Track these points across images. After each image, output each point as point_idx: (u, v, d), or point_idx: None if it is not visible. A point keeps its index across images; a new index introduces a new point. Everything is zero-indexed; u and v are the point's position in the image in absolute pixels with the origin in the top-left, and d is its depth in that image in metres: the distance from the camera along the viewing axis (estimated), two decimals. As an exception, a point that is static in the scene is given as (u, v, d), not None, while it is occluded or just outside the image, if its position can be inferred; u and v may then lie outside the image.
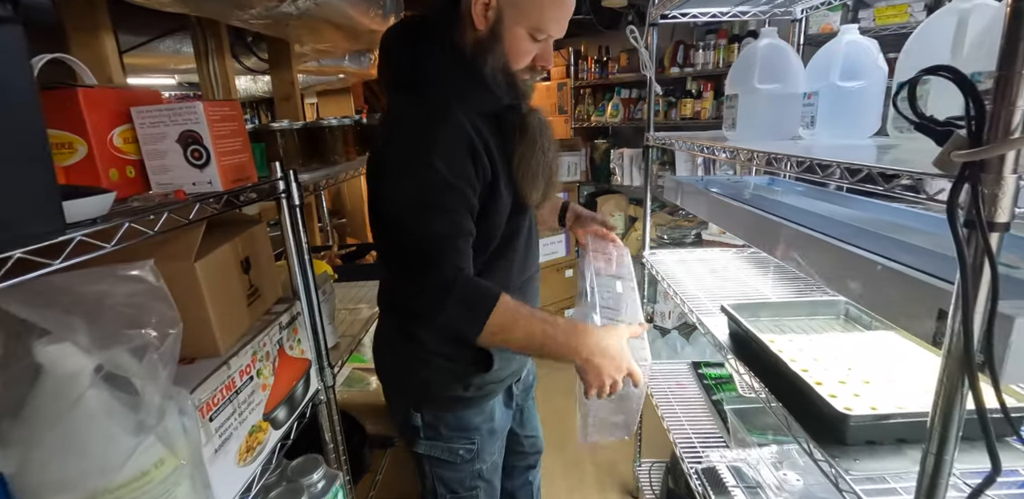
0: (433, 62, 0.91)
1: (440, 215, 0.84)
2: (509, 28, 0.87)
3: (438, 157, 0.83)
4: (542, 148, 0.95)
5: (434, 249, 0.84)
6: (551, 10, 0.88)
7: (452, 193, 0.84)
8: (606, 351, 0.87)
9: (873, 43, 1.18)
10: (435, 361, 1.01)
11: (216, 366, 0.77)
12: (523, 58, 0.91)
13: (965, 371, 0.50)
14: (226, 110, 0.86)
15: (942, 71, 0.55)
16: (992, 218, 0.47)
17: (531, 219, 1.07)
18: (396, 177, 0.86)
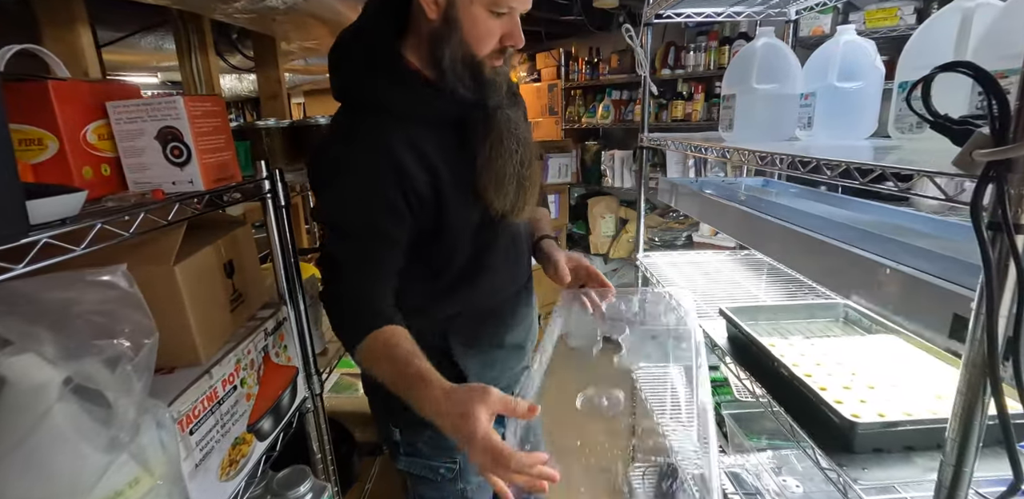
0: (358, 74, 0.84)
1: (348, 235, 0.82)
2: (464, 8, 0.77)
3: (353, 176, 0.80)
4: (509, 149, 0.86)
5: (337, 264, 0.82)
6: None
7: (362, 216, 0.81)
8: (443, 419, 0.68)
9: (871, 44, 1.17)
10: None
11: (197, 376, 0.73)
12: (487, 41, 0.80)
13: (988, 377, 0.47)
14: (208, 105, 0.82)
15: (961, 67, 0.53)
16: (1019, 220, 0.45)
17: (513, 232, 0.97)
18: (320, 190, 0.85)
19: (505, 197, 0.87)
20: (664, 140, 1.58)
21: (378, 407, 1.03)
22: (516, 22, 0.82)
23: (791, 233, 0.93)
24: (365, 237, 0.81)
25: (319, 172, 0.84)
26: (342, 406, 1.54)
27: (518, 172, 0.87)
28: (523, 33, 0.83)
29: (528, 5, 0.81)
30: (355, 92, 0.85)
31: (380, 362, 0.77)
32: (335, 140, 0.85)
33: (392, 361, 0.75)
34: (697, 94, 3.16)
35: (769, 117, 1.27)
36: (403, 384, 0.73)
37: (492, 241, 0.92)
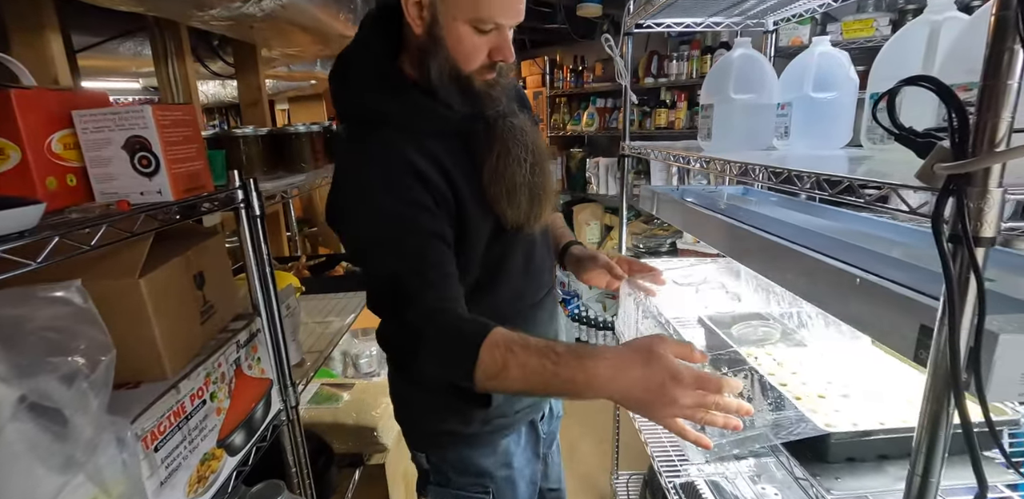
0: (358, 90, 0.82)
1: (396, 252, 0.76)
2: (447, 25, 0.75)
3: (378, 193, 0.77)
4: (517, 158, 0.83)
5: (400, 290, 0.75)
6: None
7: (404, 225, 0.76)
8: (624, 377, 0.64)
9: (844, 55, 1.19)
10: (425, 393, 0.91)
11: (163, 391, 0.71)
12: (473, 57, 0.78)
13: (951, 389, 0.48)
14: (178, 114, 0.81)
15: (922, 81, 0.54)
16: (978, 233, 0.45)
17: (528, 242, 0.93)
18: (349, 224, 0.81)
19: (518, 208, 0.83)
20: (645, 149, 1.59)
21: (407, 433, 0.99)
22: (505, 37, 0.79)
23: (766, 242, 0.93)
24: (415, 245, 0.76)
25: (344, 205, 0.80)
26: (321, 418, 1.52)
27: (529, 181, 0.84)
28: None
29: (518, 19, 0.78)
30: (358, 110, 0.84)
31: (513, 364, 0.68)
32: (350, 171, 0.81)
33: (532, 352, 0.68)
34: (680, 102, 3.19)
35: (746, 126, 1.29)
36: (563, 367, 0.66)
37: (507, 253, 0.88)
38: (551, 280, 1.00)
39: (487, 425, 0.90)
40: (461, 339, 0.71)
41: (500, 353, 0.68)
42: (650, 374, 0.64)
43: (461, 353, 0.70)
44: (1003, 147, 0.44)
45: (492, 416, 0.89)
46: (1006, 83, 0.44)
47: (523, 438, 0.98)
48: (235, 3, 1.19)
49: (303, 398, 1.60)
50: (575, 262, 1.12)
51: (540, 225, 0.90)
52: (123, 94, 4.37)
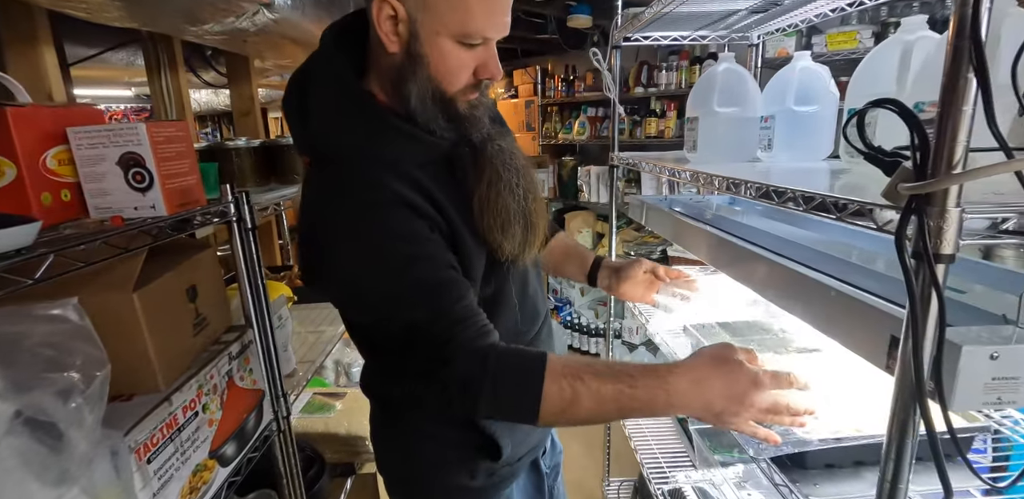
0: (325, 121, 0.72)
1: (410, 297, 0.66)
2: (429, 41, 0.67)
3: (370, 232, 0.67)
4: (509, 185, 0.75)
5: (426, 336, 0.66)
6: (481, 5, 0.67)
7: (409, 263, 0.67)
8: (706, 388, 0.64)
9: (825, 69, 1.23)
10: (431, 445, 0.84)
11: (156, 403, 0.72)
12: (458, 75, 0.71)
13: (916, 400, 0.50)
14: (172, 131, 0.83)
15: (887, 103, 0.56)
16: (938, 250, 0.48)
17: (524, 273, 0.86)
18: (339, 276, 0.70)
19: (513, 239, 0.76)
20: (633, 160, 1.62)
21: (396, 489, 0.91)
22: (492, 53, 0.72)
23: (747, 253, 0.96)
24: (429, 282, 0.67)
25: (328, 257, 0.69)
26: (313, 427, 1.52)
27: (523, 208, 0.77)
28: (499, 50, 0.74)
29: (505, 32, 0.72)
30: (326, 143, 0.73)
31: (585, 393, 0.64)
32: (328, 216, 0.70)
33: (605, 379, 0.64)
34: (670, 111, 3.23)
35: (731, 139, 1.32)
36: (642, 389, 0.64)
37: (502, 288, 0.81)
38: (545, 309, 0.95)
39: (493, 476, 0.84)
40: (521, 377, 0.65)
41: (568, 384, 0.64)
42: (732, 383, 0.65)
43: (524, 392, 0.64)
44: (960, 169, 0.47)
45: (499, 467, 0.83)
46: (961, 109, 0.46)
47: (524, 480, 0.93)
48: (228, 18, 1.21)
49: (295, 408, 1.61)
50: (612, 274, 1.10)
51: (534, 255, 0.83)
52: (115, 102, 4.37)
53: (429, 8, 0.66)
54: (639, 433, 1.52)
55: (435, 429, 0.82)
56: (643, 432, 1.53)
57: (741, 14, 1.45)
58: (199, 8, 1.08)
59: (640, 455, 1.42)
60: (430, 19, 0.67)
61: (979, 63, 0.45)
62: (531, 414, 0.65)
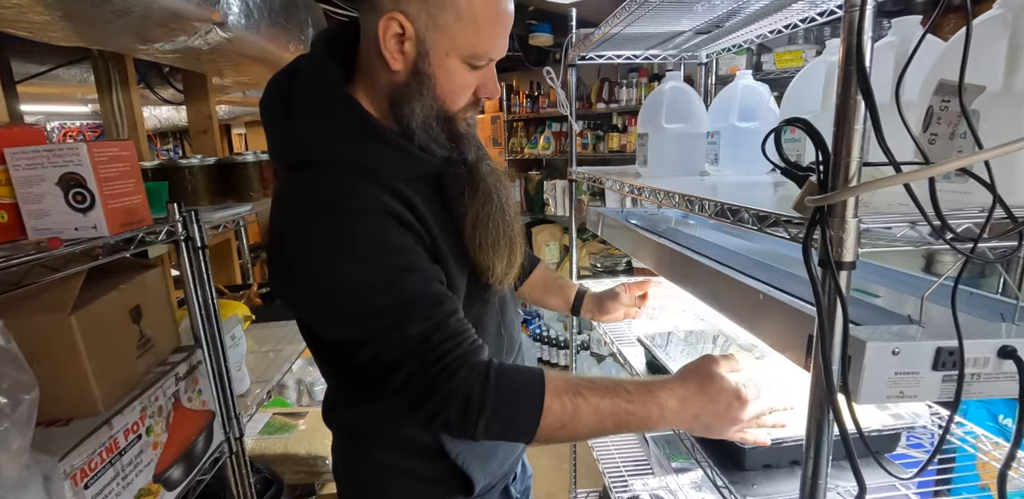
0: (314, 131, 0.68)
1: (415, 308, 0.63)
2: (438, 62, 0.67)
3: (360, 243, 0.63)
4: (500, 206, 0.75)
5: (430, 350, 0.63)
6: (490, 27, 0.67)
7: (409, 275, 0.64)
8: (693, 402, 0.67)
9: (764, 87, 1.29)
10: (400, 481, 0.79)
11: (95, 426, 0.71)
12: (462, 95, 0.71)
13: (826, 399, 0.53)
14: (115, 151, 0.82)
15: (797, 122, 0.60)
16: (840, 258, 0.51)
17: (503, 298, 0.85)
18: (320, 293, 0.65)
19: (503, 260, 0.75)
20: (592, 175, 1.66)
21: None
22: (493, 72, 0.73)
23: (690, 262, 0.99)
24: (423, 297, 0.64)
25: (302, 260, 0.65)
26: (272, 448, 1.49)
27: (509, 229, 0.76)
28: None
29: (504, 53, 0.72)
30: (314, 145, 0.69)
31: (584, 408, 0.64)
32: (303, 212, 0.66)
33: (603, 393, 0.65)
34: (631, 127, 3.33)
35: (679, 154, 1.37)
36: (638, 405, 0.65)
37: (484, 314, 0.79)
38: (519, 336, 0.94)
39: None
40: (523, 393, 0.64)
41: (569, 399, 0.64)
42: (716, 397, 0.67)
43: (526, 408, 0.64)
44: (855, 183, 0.51)
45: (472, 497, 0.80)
46: (853, 128, 0.50)
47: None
48: (180, 37, 1.21)
49: (253, 429, 1.58)
50: (595, 308, 1.17)
51: (513, 279, 0.81)
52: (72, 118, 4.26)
53: (441, 28, 0.65)
54: (601, 445, 1.54)
55: (405, 463, 0.79)
56: (606, 442, 1.54)
57: (687, 35, 1.52)
58: (148, 27, 1.08)
59: (603, 465, 1.44)
60: (441, 39, 0.66)
61: (865, 86, 0.49)
62: (530, 431, 0.64)
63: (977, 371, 0.56)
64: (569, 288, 1.20)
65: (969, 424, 0.87)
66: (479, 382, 0.63)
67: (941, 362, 0.55)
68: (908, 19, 0.80)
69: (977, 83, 0.63)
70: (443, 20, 0.65)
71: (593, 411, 0.64)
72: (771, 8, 1.20)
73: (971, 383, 0.56)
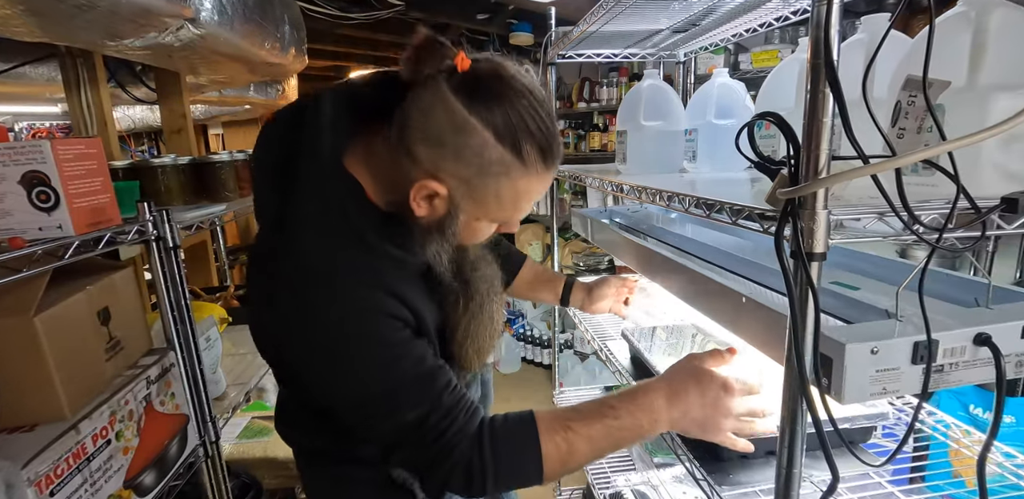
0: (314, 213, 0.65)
1: (408, 395, 0.64)
2: (467, 223, 0.66)
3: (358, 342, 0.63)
4: (490, 315, 0.76)
5: (427, 432, 0.64)
6: (526, 203, 0.66)
7: (402, 362, 0.64)
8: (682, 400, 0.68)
9: (740, 85, 1.31)
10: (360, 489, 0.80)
11: (60, 432, 0.69)
12: (482, 239, 0.72)
13: (800, 389, 0.53)
14: (81, 148, 0.80)
15: (768, 116, 0.61)
16: (811, 249, 0.52)
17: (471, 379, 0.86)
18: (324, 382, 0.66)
19: (482, 359, 0.78)
20: (573, 173, 1.67)
21: None
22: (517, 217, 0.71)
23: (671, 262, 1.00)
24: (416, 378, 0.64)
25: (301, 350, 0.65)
26: (251, 452, 1.47)
27: (492, 339, 0.78)
28: None
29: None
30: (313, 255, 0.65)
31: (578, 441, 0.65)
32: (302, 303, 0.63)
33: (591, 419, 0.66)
34: (612, 126, 3.34)
35: (658, 151, 1.38)
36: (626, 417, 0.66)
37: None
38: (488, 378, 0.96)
39: None
40: (520, 449, 0.65)
41: (562, 438, 0.66)
42: (704, 390, 0.68)
43: (526, 462, 0.65)
44: (825, 174, 0.51)
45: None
46: (822, 120, 0.51)
47: None
48: (150, 33, 1.18)
49: (231, 433, 1.55)
50: (585, 296, 1.17)
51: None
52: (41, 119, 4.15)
53: (478, 202, 0.64)
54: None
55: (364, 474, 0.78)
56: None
57: (664, 34, 1.53)
58: (116, 23, 1.05)
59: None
60: (475, 209, 0.65)
61: (832, 79, 0.50)
62: (536, 478, 0.66)
63: (955, 360, 0.56)
64: (557, 280, 1.21)
65: (940, 413, 0.89)
66: (476, 450, 0.64)
67: (919, 356, 0.55)
68: (877, 17, 0.81)
69: (943, 78, 0.65)
70: (481, 197, 0.63)
71: (586, 441, 0.66)
72: (746, 6, 1.21)
73: (949, 372, 0.57)
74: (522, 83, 0.61)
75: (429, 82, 0.59)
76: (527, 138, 0.60)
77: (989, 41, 0.62)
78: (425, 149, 0.61)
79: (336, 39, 3.26)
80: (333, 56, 3.67)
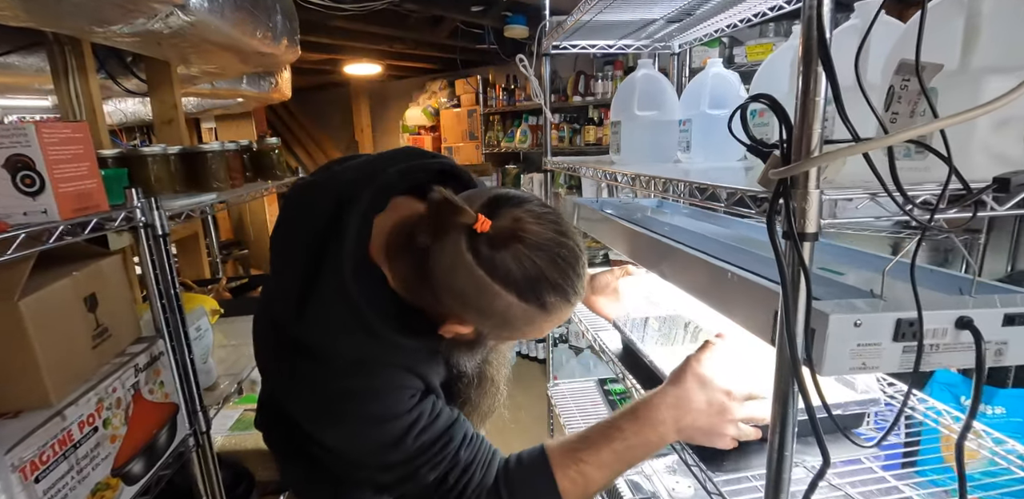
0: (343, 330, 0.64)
1: (429, 458, 0.65)
2: (489, 344, 0.72)
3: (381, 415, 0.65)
4: (496, 385, 0.81)
5: (448, 490, 0.66)
6: (548, 327, 0.68)
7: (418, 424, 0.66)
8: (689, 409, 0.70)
9: (735, 75, 1.30)
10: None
11: (46, 418, 0.68)
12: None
13: (791, 371, 0.53)
14: (68, 132, 0.79)
15: (762, 98, 0.60)
16: (803, 229, 0.51)
17: None
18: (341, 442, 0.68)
19: (485, 423, 0.84)
20: (566, 164, 1.66)
21: None
22: None
23: (660, 245, 1.00)
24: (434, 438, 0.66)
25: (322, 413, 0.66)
26: (243, 444, 1.46)
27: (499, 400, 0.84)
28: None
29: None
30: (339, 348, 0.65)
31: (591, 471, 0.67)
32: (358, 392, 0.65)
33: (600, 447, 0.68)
34: (607, 119, 3.34)
35: (652, 141, 1.38)
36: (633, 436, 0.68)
37: None
38: None
39: None
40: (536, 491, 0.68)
41: (575, 471, 0.68)
42: (710, 398, 0.70)
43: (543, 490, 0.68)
44: (817, 153, 0.51)
45: None
46: (815, 99, 0.50)
47: None
48: (139, 19, 1.16)
49: (223, 425, 1.54)
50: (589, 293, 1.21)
51: None
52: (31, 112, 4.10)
53: (503, 335, 0.67)
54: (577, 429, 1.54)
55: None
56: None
57: (659, 24, 1.52)
58: (103, 7, 1.04)
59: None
60: (500, 337, 0.68)
61: (825, 56, 0.49)
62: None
63: (936, 342, 0.57)
64: None
65: (932, 401, 0.89)
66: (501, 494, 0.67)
67: (901, 333, 0.55)
68: (870, 2, 0.81)
69: (935, 62, 0.64)
70: (508, 334, 0.67)
71: (599, 469, 0.68)
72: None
73: (930, 354, 0.57)
74: (544, 237, 0.61)
75: (448, 243, 0.59)
76: (549, 291, 0.61)
77: (983, 24, 0.61)
78: (450, 300, 0.61)
79: (330, 31, 3.24)
80: (328, 49, 3.64)
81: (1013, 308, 0.56)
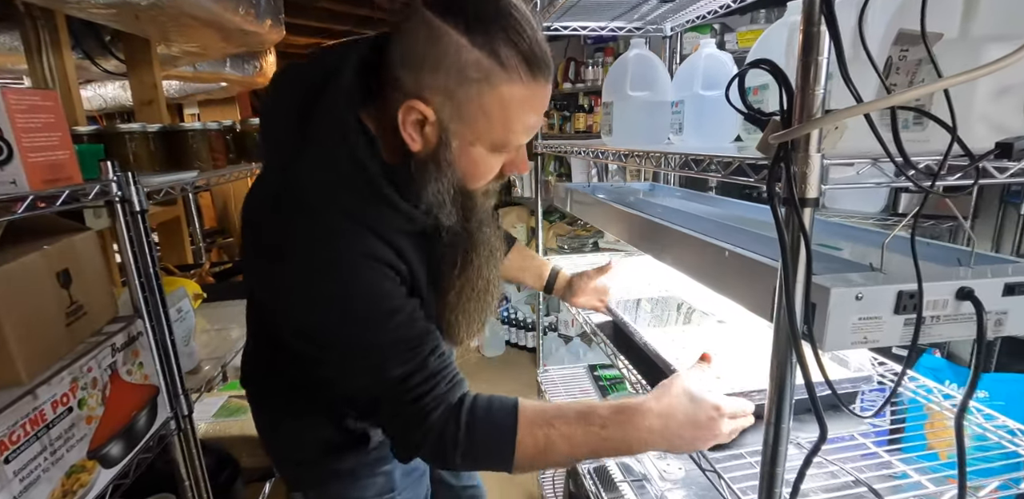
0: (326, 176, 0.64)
1: (397, 353, 0.64)
2: (462, 150, 0.64)
3: (352, 289, 0.62)
4: (486, 280, 0.75)
5: (409, 390, 0.64)
6: (521, 117, 0.63)
7: (395, 318, 0.64)
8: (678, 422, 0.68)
9: (728, 56, 1.28)
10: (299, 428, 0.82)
11: (16, 397, 0.65)
12: (486, 177, 0.68)
13: (791, 343, 0.52)
14: (36, 99, 0.75)
15: (762, 64, 0.59)
16: (803, 194, 0.50)
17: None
18: (311, 329, 0.65)
19: (471, 334, 0.78)
20: (558, 146, 1.64)
21: (281, 468, 0.90)
22: (522, 151, 0.69)
23: (658, 227, 0.98)
24: (406, 337, 0.65)
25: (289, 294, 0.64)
26: (228, 430, 1.44)
27: (486, 311, 0.78)
28: None
29: (535, 131, 0.68)
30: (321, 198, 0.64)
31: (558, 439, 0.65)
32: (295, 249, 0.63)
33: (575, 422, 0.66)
34: (597, 107, 3.31)
35: (644, 123, 1.35)
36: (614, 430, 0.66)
37: None
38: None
39: (366, 457, 0.83)
40: (496, 430, 0.66)
41: (541, 431, 0.66)
42: (698, 412, 0.68)
43: (499, 444, 0.66)
44: (819, 115, 0.49)
45: (370, 449, 0.83)
46: (816, 59, 0.49)
47: None
48: (114, -11, 1.12)
49: (207, 411, 1.51)
50: (566, 286, 1.23)
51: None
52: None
53: (466, 120, 0.62)
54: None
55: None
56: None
57: (652, 3, 1.50)
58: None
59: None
60: (466, 130, 0.62)
61: (829, 15, 0.47)
62: (506, 464, 0.66)
63: (937, 313, 0.56)
64: (543, 267, 1.25)
65: (922, 378, 0.89)
66: (452, 420, 0.65)
67: (902, 305, 0.55)
68: (870, -27, 0.79)
69: (935, 30, 0.63)
70: (468, 113, 0.61)
71: (567, 441, 0.66)
72: (734, -29, 1.19)
73: (931, 325, 0.56)
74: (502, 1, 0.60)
75: (411, 12, 0.59)
76: (504, 42, 0.59)
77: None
78: (406, 71, 0.60)
79: (317, 14, 3.17)
80: (315, 32, 3.57)
81: (1013, 277, 0.55)
